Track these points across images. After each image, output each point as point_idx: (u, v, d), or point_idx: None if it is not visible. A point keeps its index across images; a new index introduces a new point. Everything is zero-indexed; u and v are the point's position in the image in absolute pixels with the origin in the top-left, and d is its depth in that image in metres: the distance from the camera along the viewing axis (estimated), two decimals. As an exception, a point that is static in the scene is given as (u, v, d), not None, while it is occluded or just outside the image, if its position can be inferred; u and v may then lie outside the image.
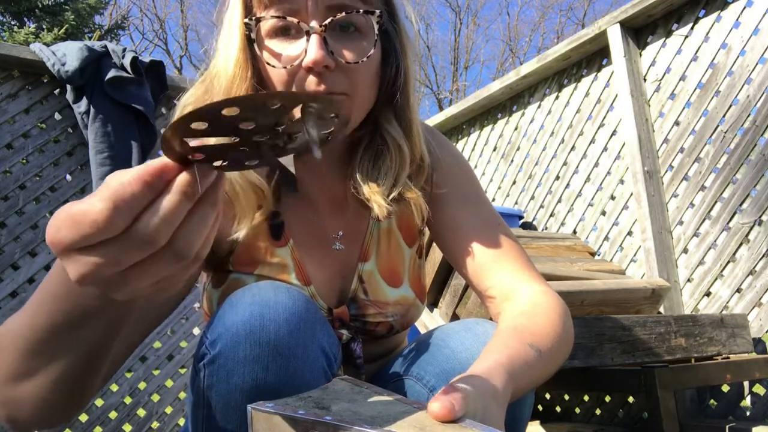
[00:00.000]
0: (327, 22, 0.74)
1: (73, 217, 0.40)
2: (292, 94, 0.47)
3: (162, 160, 0.41)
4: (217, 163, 0.43)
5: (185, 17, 17.74)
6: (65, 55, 2.39)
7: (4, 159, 2.37)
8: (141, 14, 17.22)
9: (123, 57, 2.46)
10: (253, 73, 0.78)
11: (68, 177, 2.51)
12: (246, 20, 0.77)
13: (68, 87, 2.42)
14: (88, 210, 0.39)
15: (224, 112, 0.40)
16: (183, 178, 0.41)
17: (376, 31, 0.78)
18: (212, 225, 0.44)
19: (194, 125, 0.40)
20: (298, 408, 0.51)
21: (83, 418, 2.37)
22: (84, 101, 2.42)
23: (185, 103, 0.84)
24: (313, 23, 0.74)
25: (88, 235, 0.39)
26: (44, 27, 8.67)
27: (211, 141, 0.42)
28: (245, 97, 0.40)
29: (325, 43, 0.74)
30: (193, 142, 0.41)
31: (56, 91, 2.50)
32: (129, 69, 2.44)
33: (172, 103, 2.68)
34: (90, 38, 8.66)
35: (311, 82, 0.75)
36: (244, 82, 0.78)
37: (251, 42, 0.78)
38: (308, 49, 0.74)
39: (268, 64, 0.77)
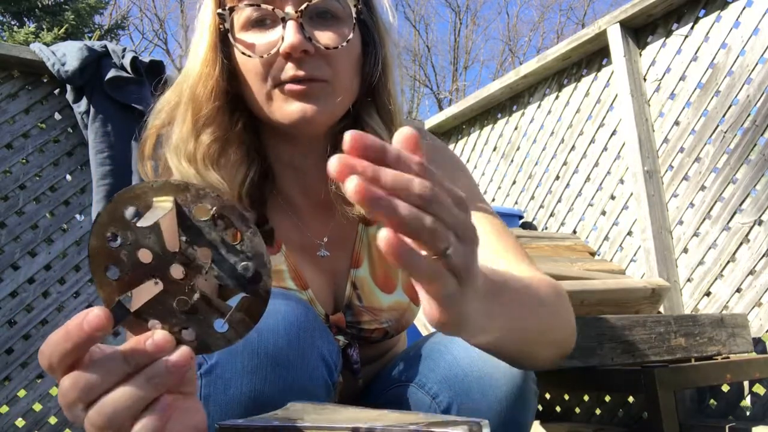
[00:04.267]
0: (303, 7, 0.73)
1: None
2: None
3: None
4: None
5: (185, 17, 17.73)
6: (65, 55, 2.39)
7: (4, 159, 2.37)
8: (141, 14, 17.21)
9: (123, 57, 2.46)
10: (221, 71, 0.76)
11: (68, 177, 2.51)
12: (219, 11, 0.75)
13: (68, 87, 2.42)
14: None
15: (108, 242, 0.41)
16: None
17: (354, 16, 0.76)
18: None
19: (108, 275, 0.42)
20: (271, 419, 0.50)
21: (83, 418, 2.37)
22: (84, 101, 2.42)
23: (158, 109, 0.82)
24: (289, 9, 0.73)
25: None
26: (44, 27, 8.65)
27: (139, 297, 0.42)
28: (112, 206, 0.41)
29: (302, 29, 0.72)
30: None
31: (56, 91, 2.50)
32: (129, 69, 2.44)
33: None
34: (90, 38, 8.65)
35: (289, 69, 0.73)
36: (210, 80, 0.76)
37: (223, 39, 0.76)
38: (285, 35, 0.72)
39: (244, 54, 0.74)
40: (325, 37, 0.74)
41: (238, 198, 0.80)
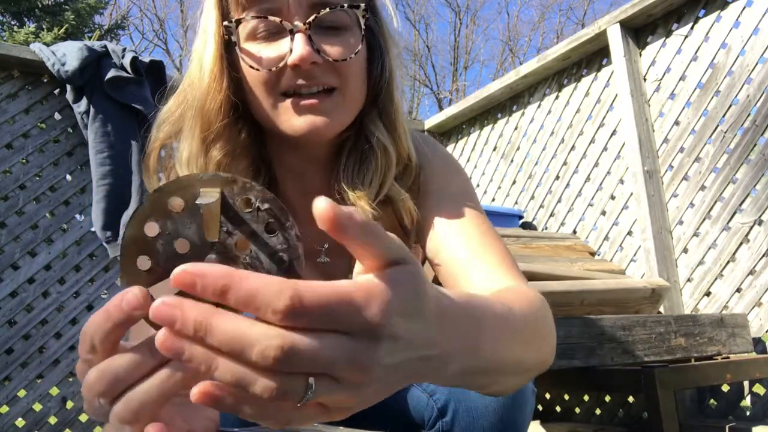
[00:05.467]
0: (311, 19, 0.72)
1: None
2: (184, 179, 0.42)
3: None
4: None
5: (185, 17, 17.73)
6: (65, 55, 2.39)
7: (4, 159, 2.37)
8: (141, 14, 17.21)
9: (123, 57, 2.46)
10: (229, 84, 0.75)
11: (68, 177, 2.51)
12: (225, 23, 0.74)
13: (68, 87, 2.42)
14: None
15: (146, 232, 0.41)
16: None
17: (363, 26, 0.76)
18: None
19: (139, 264, 0.41)
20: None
21: (83, 418, 2.37)
22: (84, 101, 2.42)
23: (161, 121, 0.81)
24: (297, 22, 0.72)
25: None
26: (44, 27, 8.66)
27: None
28: (145, 206, 0.41)
29: (310, 41, 0.72)
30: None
31: (56, 91, 2.50)
32: (129, 69, 2.44)
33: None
34: (90, 38, 8.65)
35: (298, 81, 0.73)
36: (219, 93, 0.75)
37: (228, 49, 0.75)
38: (294, 47, 0.71)
39: (252, 67, 0.73)
40: (333, 49, 0.74)
41: None
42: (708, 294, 2.13)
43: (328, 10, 0.73)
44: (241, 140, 0.79)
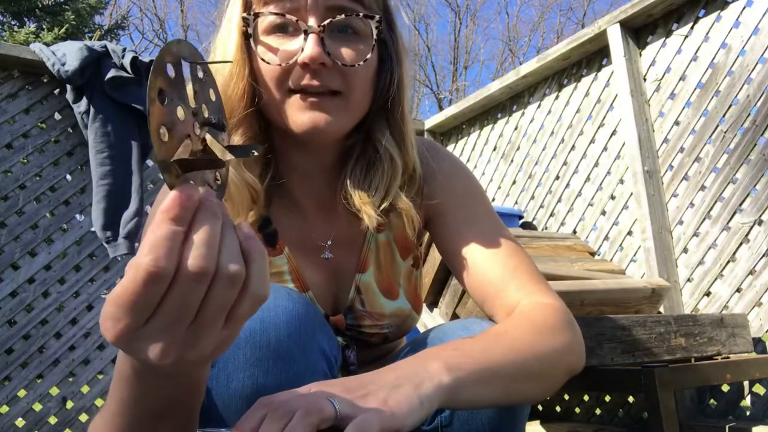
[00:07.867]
0: (326, 22, 0.74)
1: (120, 295, 0.40)
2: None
3: (173, 194, 0.41)
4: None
5: (185, 17, 17.73)
6: (65, 55, 2.39)
7: (4, 159, 2.37)
8: (141, 14, 17.21)
9: (123, 57, 2.46)
10: (249, 71, 0.78)
11: (68, 177, 2.51)
12: (244, 15, 0.77)
13: (68, 87, 2.42)
14: (134, 275, 0.40)
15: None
16: (207, 201, 0.42)
17: (374, 37, 0.78)
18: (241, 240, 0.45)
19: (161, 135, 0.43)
20: None
21: (83, 418, 2.37)
22: (84, 101, 2.42)
23: None
24: (312, 22, 0.74)
25: (148, 295, 0.40)
26: (44, 27, 8.66)
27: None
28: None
29: (322, 43, 0.74)
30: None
31: (56, 91, 2.50)
32: (129, 69, 2.44)
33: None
34: (90, 38, 8.65)
35: (305, 78, 0.75)
36: (241, 80, 0.78)
37: (248, 39, 0.78)
38: (305, 47, 0.74)
39: (263, 60, 0.76)
40: (343, 54, 0.76)
41: (258, 195, 0.81)
42: (708, 294, 2.13)
43: (343, 16, 0.75)
44: (261, 129, 0.82)
